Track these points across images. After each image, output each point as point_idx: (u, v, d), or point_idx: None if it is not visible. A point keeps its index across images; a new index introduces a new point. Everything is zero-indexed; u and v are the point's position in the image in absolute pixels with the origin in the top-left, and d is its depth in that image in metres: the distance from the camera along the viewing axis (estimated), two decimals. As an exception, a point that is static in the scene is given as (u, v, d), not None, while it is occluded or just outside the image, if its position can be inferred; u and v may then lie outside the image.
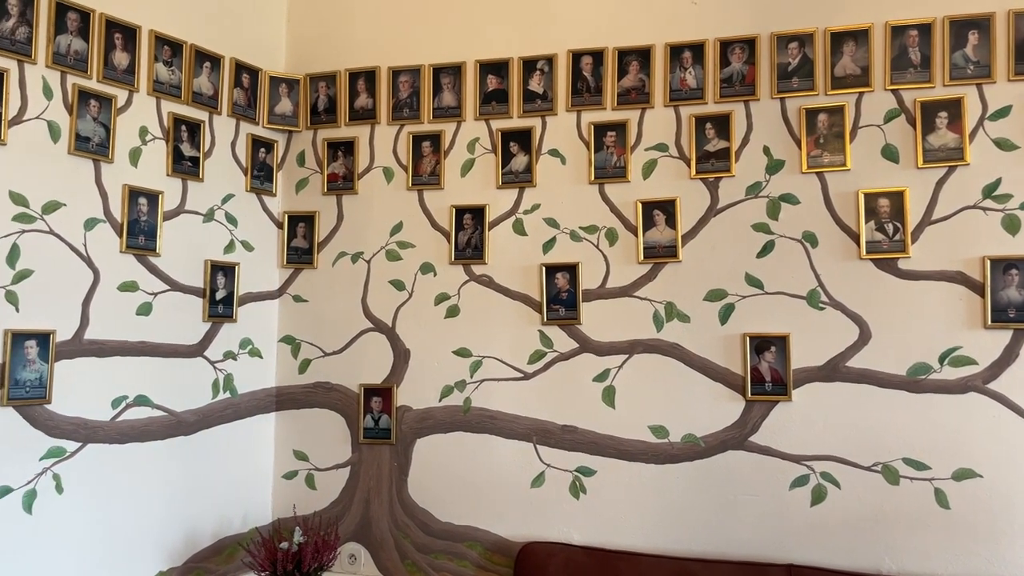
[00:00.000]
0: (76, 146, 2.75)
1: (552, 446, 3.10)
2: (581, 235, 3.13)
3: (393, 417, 3.29)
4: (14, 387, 2.54)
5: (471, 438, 3.19)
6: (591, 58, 3.15)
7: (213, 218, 3.23)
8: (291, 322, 3.48)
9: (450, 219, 3.29)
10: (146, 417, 2.94)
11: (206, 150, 3.21)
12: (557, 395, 3.11)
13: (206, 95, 3.21)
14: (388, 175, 3.41)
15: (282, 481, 3.41)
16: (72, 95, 2.75)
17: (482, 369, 3.21)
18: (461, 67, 3.31)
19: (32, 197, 2.62)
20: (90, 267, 2.78)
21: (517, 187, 3.23)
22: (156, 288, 3.00)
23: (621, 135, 3.10)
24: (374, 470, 3.31)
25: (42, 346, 2.62)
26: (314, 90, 3.52)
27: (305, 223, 3.50)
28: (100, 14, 2.83)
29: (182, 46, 3.11)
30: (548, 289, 3.14)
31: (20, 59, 2.61)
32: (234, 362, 3.29)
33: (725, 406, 2.94)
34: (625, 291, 3.06)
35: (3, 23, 2.56)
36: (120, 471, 2.84)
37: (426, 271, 3.32)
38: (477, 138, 3.29)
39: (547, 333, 3.14)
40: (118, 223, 2.87)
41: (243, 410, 3.32)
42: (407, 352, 3.32)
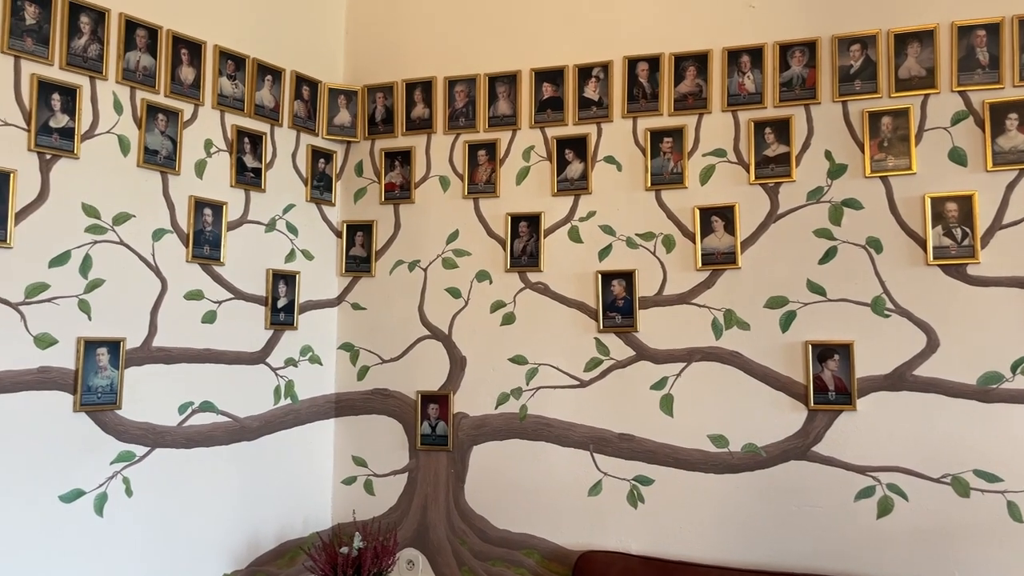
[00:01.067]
0: (145, 159, 2.84)
1: (609, 454, 3.08)
2: (637, 242, 3.12)
3: (450, 424, 3.31)
4: (86, 393, 2.63)
5: (527, 446, 3.19)
6: (647, 64, 3.14)
7: (275, 228, 3.30)
8: (350, 329, 3.53)
9: (506, 227, 3.31)
10: (211, 423, 3.01)
11: (268, 161, 3.28)
12: (614, 403, 3.09)
13: (268, 108, 3.29)
14: (444, 184, 3.44)
15: (341, 486, 3.46)
16: (141, 110, 2.84)
17: (538, 376, 3.21)
18: (516, 76, 3.33)
19: (103, 209, 2.72)
20: (158, 276, 2.87)
21: (572, 194, 3.22)
22: (220, 296, 3.07)
23: (678, 141, 3.08)
24: (431, 477, 3.33)
25: (113, 353, 2.71)
26: (372, 101, 3.57)
27: (363, 232, 3.55)
28: (167, 31, 2.92)
29: (245, 60, 3.19)
30: (604, 296, 3.12)
31: (92, 75, 2.70)
32: (295, 369, 3.35)
33: (787, 415, 2.88)
34: (683, 298, 3.03)
35: (76, 41, 2.66)
36: (186, 475, 2.91)
37: (482, 279, 3.34)
38: (532, 146, 3.30)
39: (603, 341, 3.13)
40: (184, 233, 2.95)
41: (303, 416, 3.38)
42: (463, 359, 3.34)
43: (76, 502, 2.59)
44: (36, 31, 2.56)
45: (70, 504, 2.58)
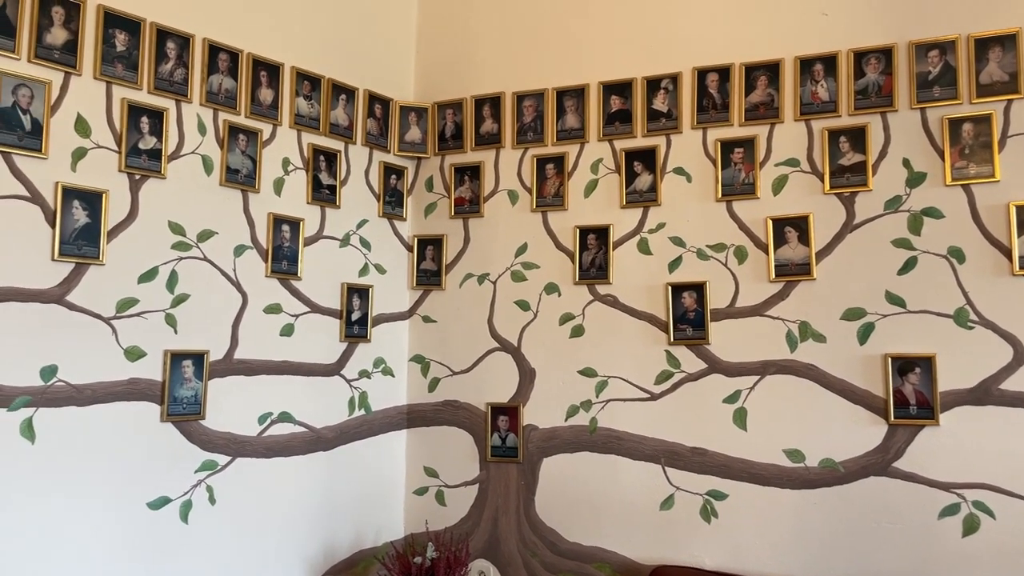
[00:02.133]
0: (227, 178, 2.94)
1: (681, 468, 3.06)
2: (708, 253, 3.09)
3: (520, 436, 3.33)
4: (173, 404, 2.73)
5: (598, 458, 3.19)
6: (717, 75, 3.12)
7: (349, 243, 3.38)
8: (421, 342, 3.59)
9: (574, 239, 3.32)
10: (288, 433, 3.09)
11: (342, 178, 3.37)
12: (685, 416, 3.07)
13: (342, 126, 3.37)
14: (513, 197, 3.47)
15: (413, 497, 3.51)
16: (223, 130, 2.95)
17: (608, 389, 3.21)
18: (584, 89, 3.35)
19: (188, 226, 2.83)
20: (239, 291, 2.97)
21: (641, 206, 3.22)
22: (298, 310, 3.16)
23: (749, 151, 3.05)
24: (502, 488, 3.35)
25: (197, 365, 2.81)
26: (441, 117, 3.63)
27: (434, 246, 3.61)
28: (248, 54, 3.03)
29: (320, 80, 3.28)
30: (675, 309, 3.11)
31: (177, 99, 2.82)
32: (368, 381, 3.42)
33: (866, 430, 2.81)
34: (756, 310, 3.00)
35: (163, 66, 2.79)
36: (266, 484, 2.99)
37: (551, 291, 3.36)
38: (601, 159, 3.31)
39: (674, 353, 3.11)
40: (264, 249, 3.05)
41: (377, 427, 3.44)
42: (533, 371, 3.36)
43: (163, 509, 2.70)
44: (126, 57, 2.69)
45: (157, 511, 2.68)
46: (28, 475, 2.39)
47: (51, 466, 2.44)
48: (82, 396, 2.52)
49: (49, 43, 2.51)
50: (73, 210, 2.53)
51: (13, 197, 2.42)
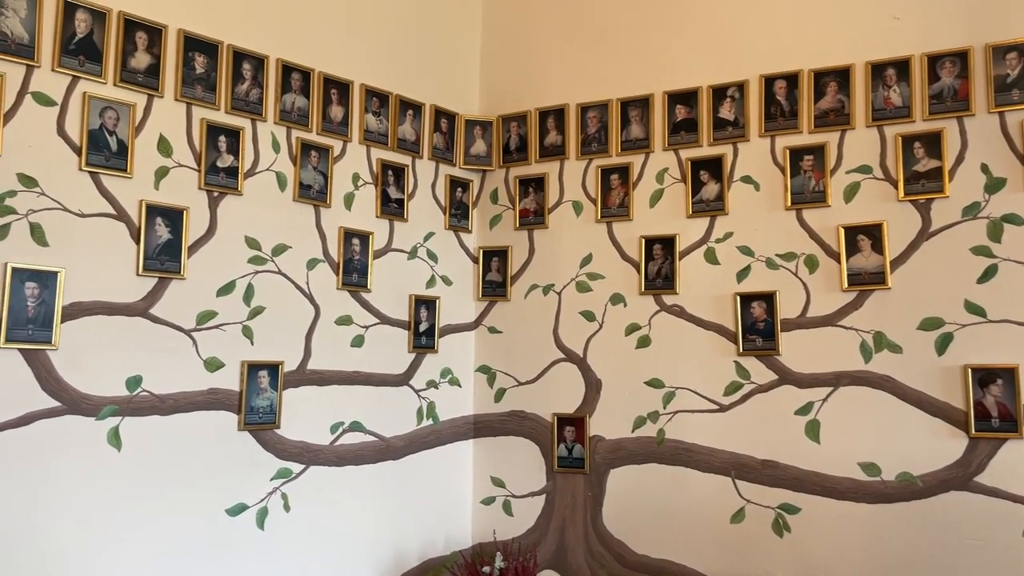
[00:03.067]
0: (300, 193, 3.03)
1: (752, 481, 3.01)
2: (778, 263, 3.05)
3: (586, 447, 3.33)
4: (249, 413, 2.82)
5: (666, 470, 3.16)
6: (785, 82, 3.08)
7: (416, 255, 3.44)
8: (487, 352, 3.62)
9: (640, 250, 3.31)
10: (359, 442, 3.15)
11: (409, 192, 3.43)
12: (756, 428, 3.02)
13: (409, 141, 3.44)
14: (577, 208, 3.48)
15: (480, 506, 3.53)
16: (296, 148, 3.03)
17: (675, 400, 3.18)
18: (649, 99, 3.34)
19: (264, 241, 2.92)
20: (312, 303, 3.04)
21: (708, 215, 3.19)
22: (367, 322, 3.22)
23: (819, 158, 3.00)
24: (568, 499, 3.35)
25: (272, 376, 2.89)
26: (506, 130, 3.67)
27: (499, 257, 3.64)
28: (319, 73, 3.11)
29: (388, 97, 3.35)
30: (743, 319, 3.07)
31: (253, 118, 2.92)
32: (436, 391, 3.46)
33: (945, 443, 2.73)
34: (828, 320, 2.94)
35: (239, 86, 2.89)
36: (338, 492, 3.06)
37: (616, 302, 3.35)
38: (666, 168, 3.30)
39: (743, 364, 3.07)
40: (335, 262, 3.13)
41: (444, 437, 3.48)
42: (599, 382, 3.35)
43: (241, 515, 2.78)
44: (205, 79, 2.80)
45: (235, 517, 2.76)
46: (114, 481, 2.50)
47: (136, 473, 2.54)
48: (165, 405, 2.62)
49: (133, 67, 2.63)
50: (156, 227, 2.63)
51: (101, 215, 2.53)
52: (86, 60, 2.53)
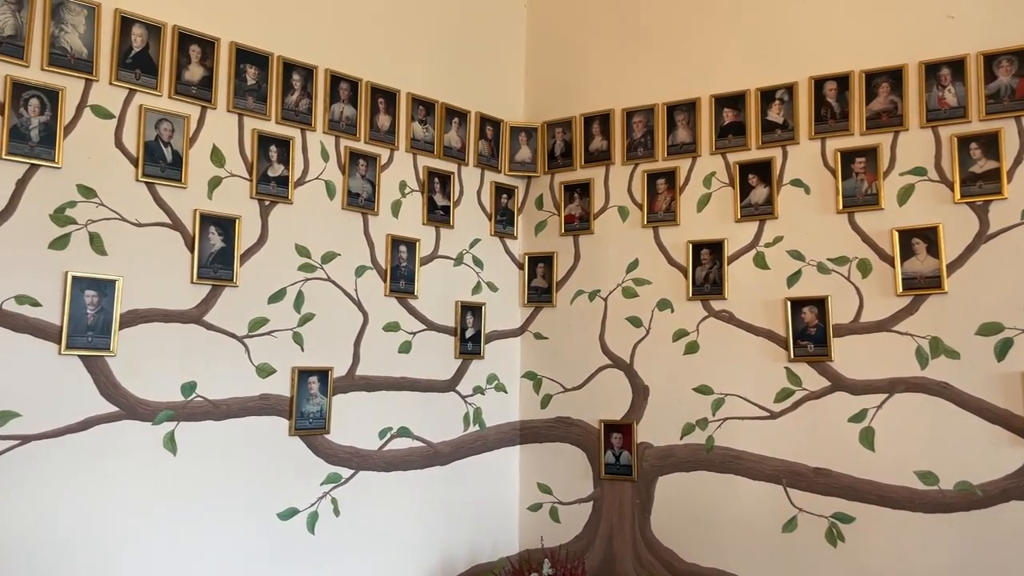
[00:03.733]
0: (348, 202, 3.07)
1: (804, 489, 2.96)
2: (829, 267, 2.99)
3: (634, 454, 3.30)
4: (300, 419, 2.86)
5: (715, 478, 3.12)
6: (835, 83, 3.03)
7: (462, 262, 3.46)
8: (532, 358, 3.62)
9: (687, 255, 3.28)
10: (407, 447, 3.17)
11: (455, 199, 3.45)
12: (808, 436, 2.97)
13: (455, 148, 3.46)
14: (623, 214, 3.47)
15: (527, 513, 3.53)
16: (344, 156, 3.07)
17: (725, 407, 3.14)
18: (695, 103, 3.31)
19: (313, 249, 2.96)
20: (360, 310, 3.08)
21: (757, 220, 3.15)
22: (414, 328, 3.25)
23: (872, 160, 2.94)
24: (616, 506, 3.33)
25: (322, 382, 2.92)
26: (551, 136, 3.67)
27: (544, 263, 3.64)
28: (366, 82, 3.15)
29: (434, 105, 3.38)
30: (795, 324, 3.02)
31: (302, 128, 2.97)
32: (482, 397, 3.47)
33: (1006, 451, 2.65)
34: (882, 325, 2.88)
35: (289, 97, 2.93)
36: (386, 497, 3.08)
37: (663, 307, 3.32)
38: (713, 172, 3.27)
39: (795, 370, 3.02)
40: (383, 269, 3.16)
41: (491, 443, 3.49)
42: (646, 389, 3.33)
43: (291, 520, 2.81)
44: (255, 90, 2.85)
45: (286, 521, 2.80)
46: (170, 485, 2.55)
47: (190, 477, 2.59)
48: (218, 411, 2.67)
49: (187, 80, 2.69)
50: (209, 235, 2.69)
51: (156, 224, 2.59)
52: (142, 74, 2.59)
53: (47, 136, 2.39)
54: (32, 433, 2.31)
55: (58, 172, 2.40)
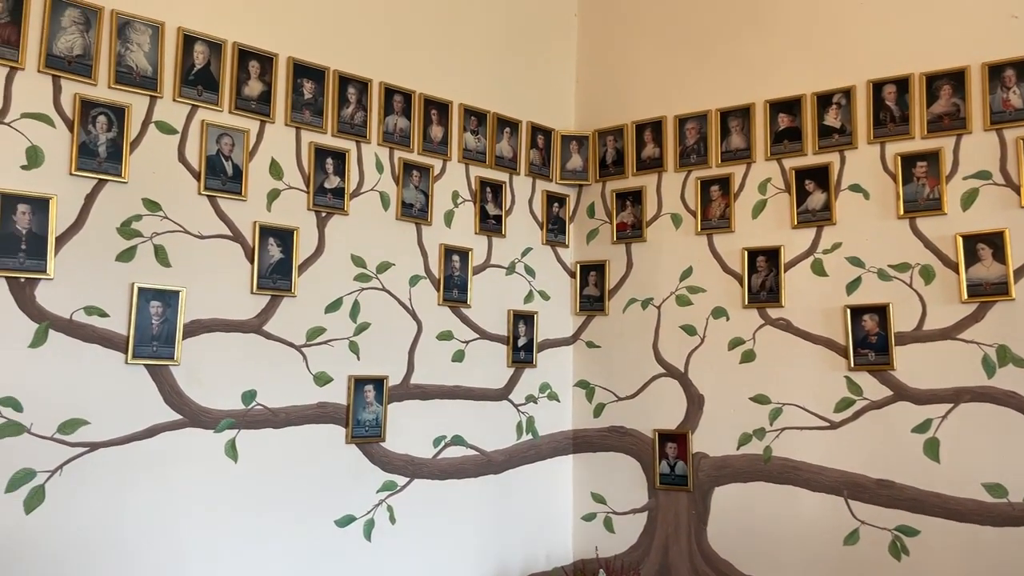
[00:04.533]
0: (402, 212, 3.10)
1: (866, 501, 2.89)
2: (890, 274, 2.93)
3: (689, 464, 3.27)
4: (356, 427, 2.89)
5: (774, 489, 3.07)
6: (894, 86, 2.97)
7: (514, 271, 3.47)
8: (585, 367, 3.61)
9: (742, 262, 3.24)
10: (461, 456, 3.19)
11: (507, 208, 3.47)
12: (869, 446, 2.90)
13: (506, 158, 3.48)
14: (676, 221, 3.44)
15: (581, 522, 3.51)
16: (398, 168, 3.11)
17: (783, 417, 3.09)
18: (750, 108, 3.28)
19: (368, 259, 3.00)
20: (414, 319, 3.10)
21: (815, 226, 3.10)
22: (468, 337, 3.26)
23: (934, 164, 2.87)
24: (671, 517, 3.29)
25: (377, 390, 2.96)
26: (602, 144, 3.67)
27: (596, 271, 3.63)
28: (420, 95, 3.18)
29: (486, 115, 3.40)
30: (854, 332, 2.96)
31: (357, 140, 3.01)
32: (535, 405, 3.47)
33: (1080, 464, 2.56)
34: (946, 333, 2.80)
35: (344, 110, 2.98)
36: (441, 505, 3.10)
37: (718, 315, 3.29)
38: (769, 178, 3.22)
39: (855, 379, 2.95)
40: (436, 279, 3.18)
41: (544, 452, 3.48)
42: (701, 398, 3.29)
43: (349, 527, 2.85)
44: (312, 104, 2.90)
45: (344, 528, 2.84)
46: (232, 492, 2.60)
47: (251, 484, 2.64)
48: (277, 419, 2.72)
49: (247, 95, 2.75)
50: (269, 247, 2.74)
51: (218, 236, 2.65)
52: (204, 90, 2.66)
53: (114, 152, 2.46)
54: (100, 440, 2.38)
55: (124, 187, 2.48)
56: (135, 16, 2.52)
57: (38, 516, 2.26)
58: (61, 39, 2.40)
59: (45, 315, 2.31)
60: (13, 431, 2.24)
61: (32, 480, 2.26)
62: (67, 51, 2.41)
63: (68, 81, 2.40)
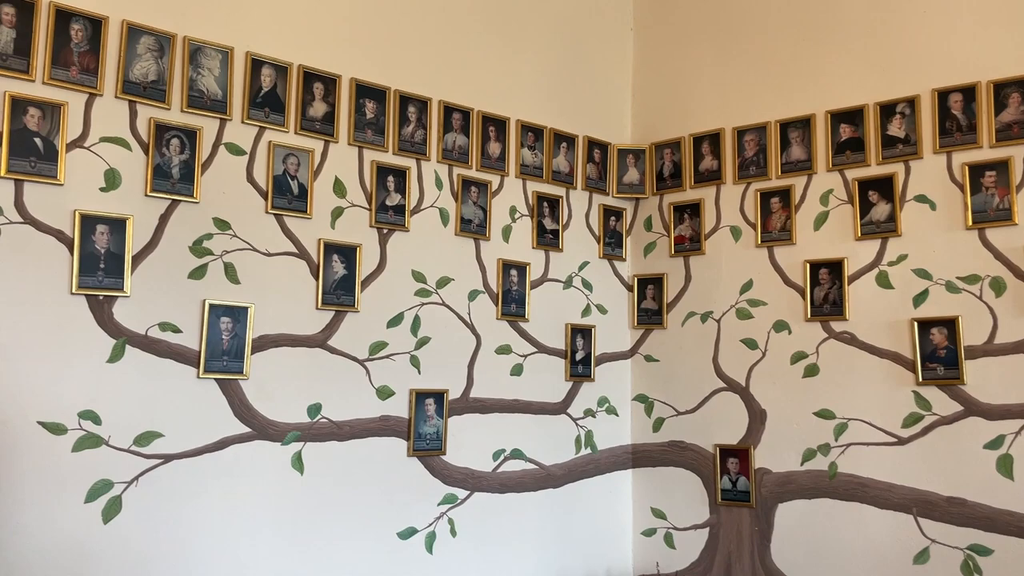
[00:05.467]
0: (461, 228, 3.14)
1: (936, 519, 2.81)
2: (959, 286, 2.86)
3: (751, 479, 3.22)
4: (418, 440, 2.93)
5: (840, 506, 3.01)
6: (961, 95, 2.90)
7: (571, 284, 3.48)
8: (644, 381, 3.59)
9: (804, 274, 3.19)
10: (520, 469, 3.20)
11: (564, 223, 3.48)
12: (939, 463, 2.83)
13: (563, 172, 3.50)
14: (736, 233, 3.41)
15: (641, 537, 3.49)
16: (457, 184, 3.15)
17: (848, 432, 3.03)
18: (810, 119, 3.24)
19: (428, 274, 3.04)
20: (473, 333, 3.14)
21: (879, 237, 3.04)
22: (526, 351, 3.28)
23: (1003, 174, 2.80)
24: (734, 533, 3.25)
25: (438, 403, 2.99)
26: (659, 157, 3.66)
27: (654, 285, 3.62)
28: (478, 112, 3.23)
29: (542, 131, 3.43)
30: (922, 346, 2.89)
31: (418, 158, 3.06)
32: (593, 419, 3.47)
33: None
34: (1019, 347, 2.72)
35: (405, 129, 3.04)
36: (501, 519, 3.11)
37: (780, 329, 3.24)
38: (830, 189, 3.18)
39: (923, 394, 2.88)
40: (494, 293, 3.21)
41: (603, 466, 3.48)
42: (763, 412, 3.25)
43: (411, 539, 2.88)
44: (374, 123, 2.97)
45: (406, 540, 2.87)
46: (298, 503, 2.66)
47: (316, 495, 2.69)
48: (342, 432, 2.77)
49: (311, 116, 2.83)
50: (333, 263, 2.80)
51: (284, 254, 2.73)
52: (271, 112, 2.74)
53: (186, 173, 2.56)
54: (174, 452, 2.46)
55: (196, 206, 2.57)
56: (206, 42, 2.62)
57: (115, 525, 2.35)
58: (137, 66, 2.50)
59: (122, 331, 2.41)
60: (92, 443, 2.33)
61: (109, 491, 2.35)
62: (142, 77, 2.51)
63: (143, 106, 2.50)
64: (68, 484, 2.29)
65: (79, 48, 2.41)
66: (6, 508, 2.14)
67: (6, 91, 2.28)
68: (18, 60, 2.31)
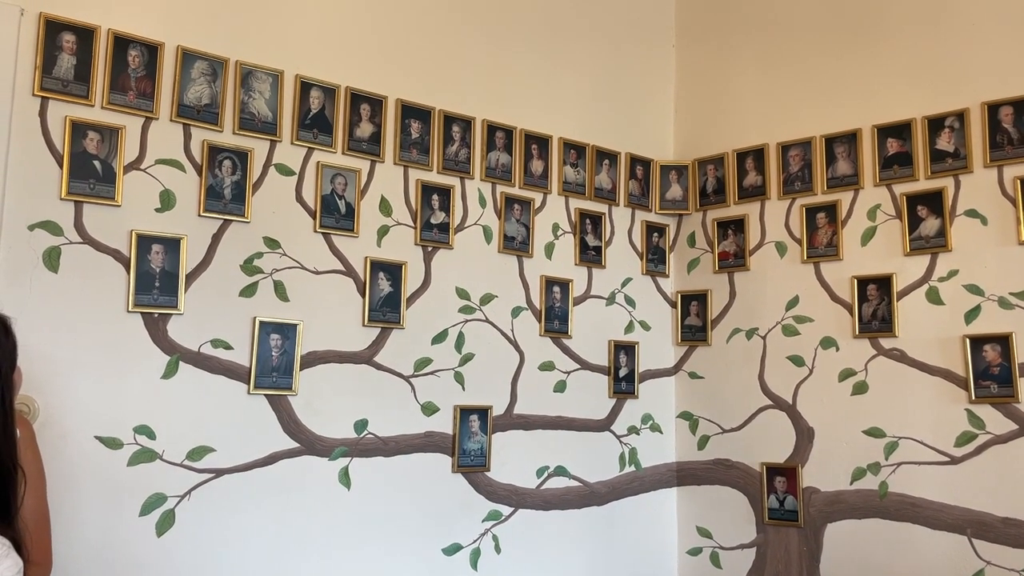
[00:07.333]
0: (504, 245, 3.17)
1: (992, 541, 2.74)
2: (1013, 302, 2.80)
3: (799, 498, 3.18)
4: (462, 456, 2.94)
5: (891, 526, 2.95)
6: (1011, 108, 2.85)
7: (614, 301, 3.48)
8: (688, 398, 3.57)
9: (851, 291, 3.15)
10: (564, 487, 3.20)
11: (607, 239, 3.49)
12: (994, 483, 2.76)
13: (605, 189, 3.51)
14: (781, 249, 3.38)
15: (687, 557, 3.45)
16: (500, 202, 3.18)
17: (899, 451, 2.97)
18: (856, 134, 3.20)
19: (472, 291, 3.07)
20: (516, 350, 3.15)
21: (929, 253, 2.99)
22: (569, 367, 3.28)
23: (1058, 187, 2.74)
24: (782, 554, 3.20)
25: (482, 420, 3.01)
26: (702, 173, 3.65)
27: (698, 301, 3.60)
28: (520, 130, 3.26)
29: (585, 148, 3.45)
30: (975, 363, 2.83)
31: (461, 176, 3.10)
32: (637, 437, 3.45)
33: None
34: (1078, 364, 2.66)
35: (449, 147, 3.08)
36: (545, 536, 3.11)
37: (827, 346, 3.20)
38: (878, 204, 3.14)
39: (977, 412, 2.82)
40: (537, 310, 3.22)
41: (647, 484, 3.45)
42: (811, 431, 3.20)
43: (455, 555, 2.89)
44: (419, 143, 3.01)
45: (451, 557, 2.88)
46: (345, 518, 2.69)
47: (363, 511, 2.72)
48: (387, 447, 2.80)
49: (358, 136, 2.88)
50: (379, 281, 2.85)
51: (332, 272, 2.77)
52: (319, 133, 2.80)
53: (238, 193, 2.62)
54: (225, 467, 2.51)
55: (247, 226, 2.63)
56: (257, 66, 2.69)
57: (168, 539, 2.40)
58: (191, 90, 2.57)
59: (176, 348, 2.47)
60: (147, 457, 2.39)
61: (163, 504, 2.40)
62: (196, 101, 2.58)
63: (197, 128, 2.58)
64: (124, 498, 2.35)
65: (136, 73, 2.49)
66: (66, 520, 2.20)
67: (67, 115, 2.36)
68: (78, 86, 2.39)
